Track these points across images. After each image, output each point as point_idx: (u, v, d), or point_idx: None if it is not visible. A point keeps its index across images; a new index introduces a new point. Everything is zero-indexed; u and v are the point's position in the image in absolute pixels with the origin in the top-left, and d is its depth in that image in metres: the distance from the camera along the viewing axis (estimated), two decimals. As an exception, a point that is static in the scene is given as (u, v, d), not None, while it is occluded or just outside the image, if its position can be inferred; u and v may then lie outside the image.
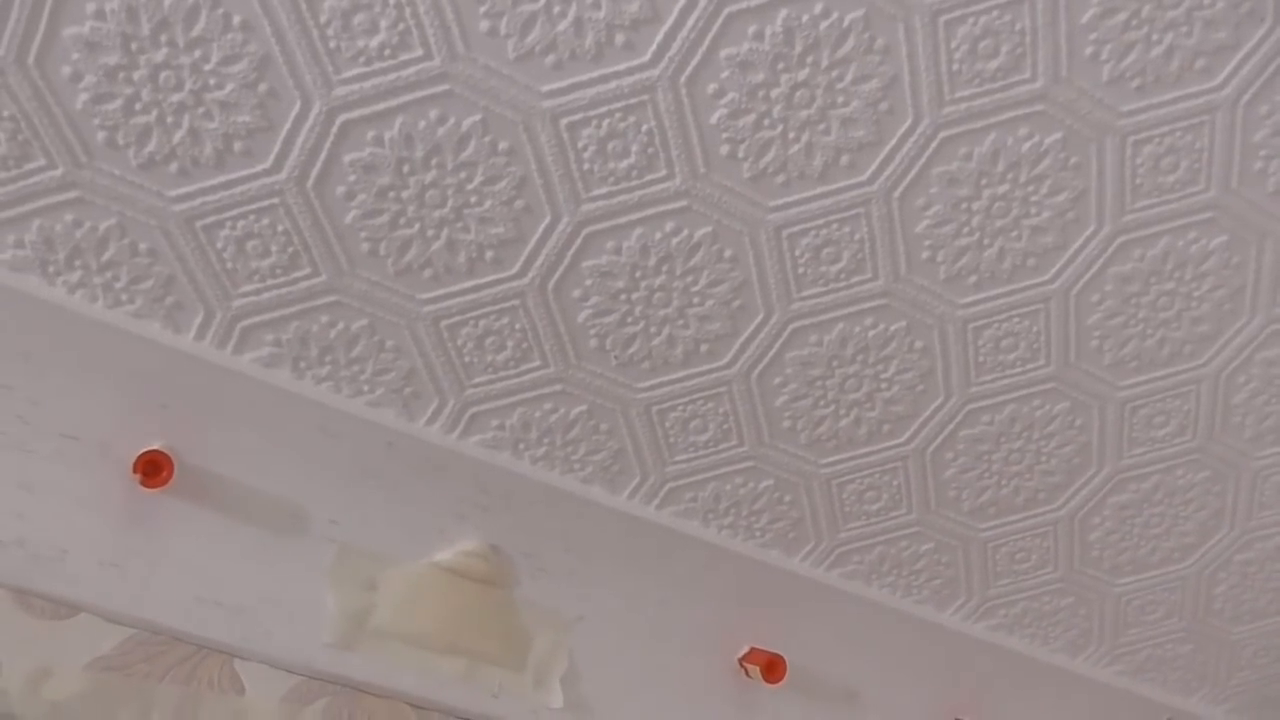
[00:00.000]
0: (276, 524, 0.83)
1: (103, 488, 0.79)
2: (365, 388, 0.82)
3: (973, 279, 0.83)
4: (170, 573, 0.80)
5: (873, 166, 0.77)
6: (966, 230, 0.81)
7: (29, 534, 0.77)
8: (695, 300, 0.81)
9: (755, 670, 0.93)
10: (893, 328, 0.84)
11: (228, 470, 0.81)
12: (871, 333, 0.84)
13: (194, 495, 0.80)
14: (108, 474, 0.79)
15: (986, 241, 0.81)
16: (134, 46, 0.68)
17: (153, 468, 0.77)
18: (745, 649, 0.96)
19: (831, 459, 0.91)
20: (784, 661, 0.93)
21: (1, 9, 0.66)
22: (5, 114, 0.69)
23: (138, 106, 0.69)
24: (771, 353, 0.85)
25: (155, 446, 0.79)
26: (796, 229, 0.79)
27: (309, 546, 0.84)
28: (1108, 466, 0.96)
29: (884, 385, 0.88)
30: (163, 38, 0.67)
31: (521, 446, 0.87)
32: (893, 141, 0.76)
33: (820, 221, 0.79)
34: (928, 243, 0.81)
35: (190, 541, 0.81)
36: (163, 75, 0.69)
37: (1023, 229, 0.81)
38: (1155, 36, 0.74)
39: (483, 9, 0.69)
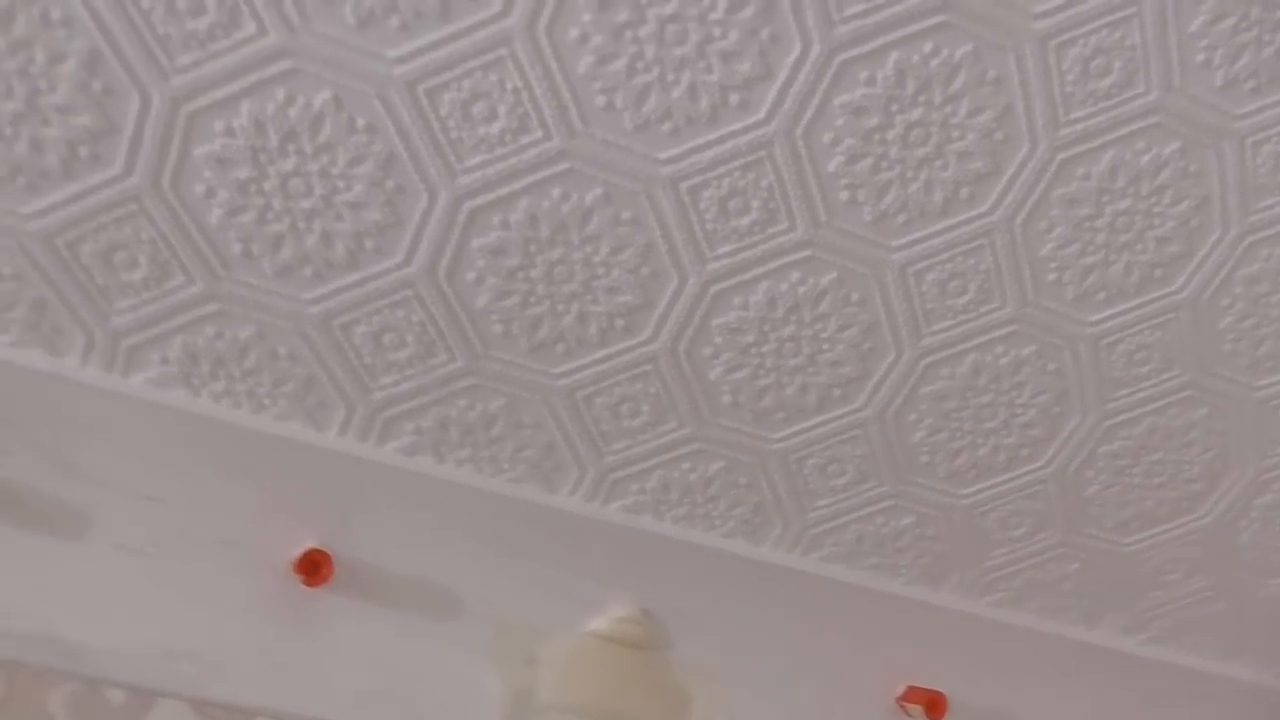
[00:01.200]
0: (432, 608, 0.84)
1: (263, 591, 0.80)
2: (506, 466, 0.83)
3: (1101, 296, 0.82)
4: (336, 668, 0.80)
5: (993, 196, 0.77)
6: (1091, 248, 0.80)
7: (198, 644, 0.78)
8: (825, 347, 0.81)
9: (917, 710, 0.92)
10: (1024, 353, 0.83)
11: (380, 560, 0.82)
12: (1003, 360, 0.83)
13: (350, 589, 0.81)
14: (266, 576, 0.80)
15: (1112, 257, 0.81)
16: (263, 158, 0.69)
17: (313, 567, 0.78)
18: (902, 688, 0.95)
19: (972, 489, 0.90)
20: (944, 699, 0.92)
21: (134, 139, 0.67)
22: (145, 237, 0.71)
23: (270, 216, 0.71)
24: (905, 391, 0.84)
25: (311, 545, 0.80)
26: (921, 265, 0.78)
27: (466, 628, 0.85)
28: (1250, 468, 0.94)
29: (1019, 411, 0.87)
30: (290, 147, 0.69)
31: (662, 508, 0.87)
32: (1011, 169, 0.76)
33: (944, 256, 0.78)
34: (1053, 265, 0.80)
35: (351, 635, 0.82)
36: (292, 183, 0.70)
37: (1147, 241, 0.80)
38: (1266, 37, 0.73)
39: (598, 85, 0.69)
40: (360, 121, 0.68)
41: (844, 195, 0.74)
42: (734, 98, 0.70)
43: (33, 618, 0.76)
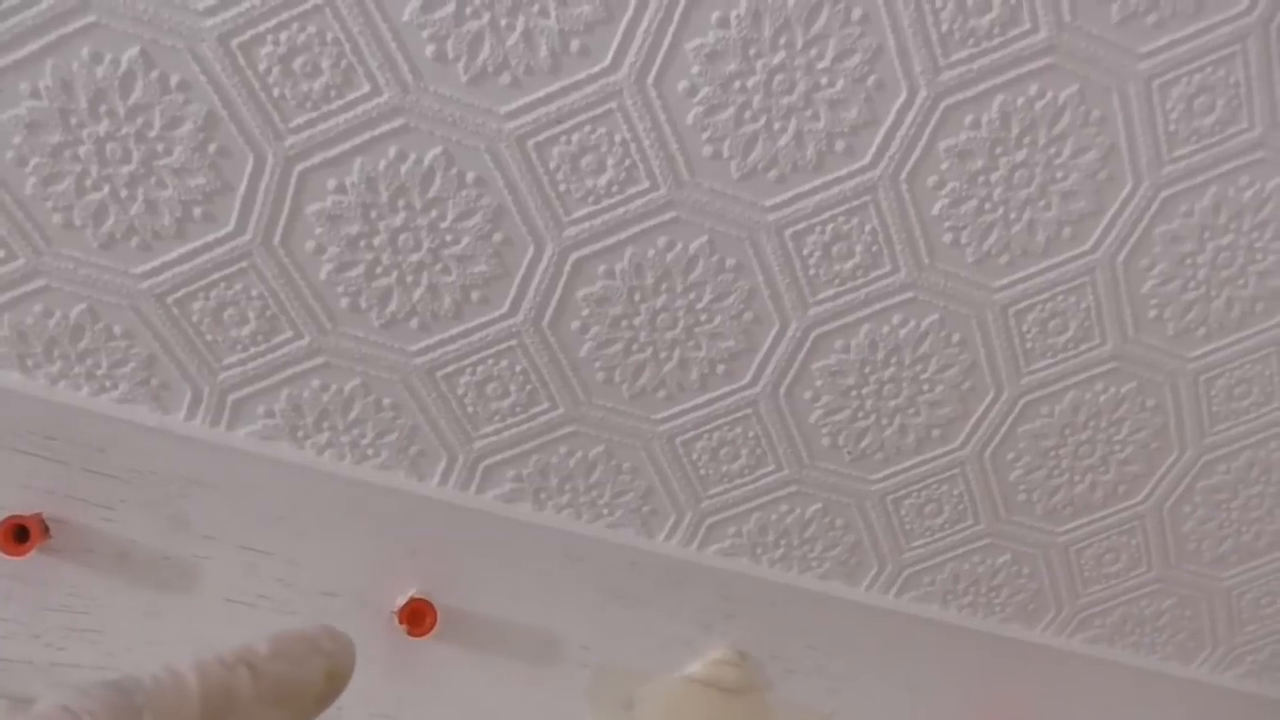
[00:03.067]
0: (532, 655, 0.84)
1: (366, 641, 0.80)
2: (605, 511, 0.83)
3: (1201, 331, 0.82)
4: (440, 717, 0.80)
5: (1095, 235, 0.76)
6: (1193, 284, 0.79)
7: (305, 694, 0.78)
8: (925, 387, 0.81)
9: (1017, 750, 0.92)
10: (1124, 389, 0.83)
11: (480, 607, 0.82)
12: (1103, 397, 0.83)
13: (451, 636, 0.81)
14: (369, 626, 0.80)
15: (1214, 293, 0.80)
16: (373, 214, 0.69)
17: (417, 616, 0.78)
18: (998, 727, 0.94)
19: (1068, 526, 0.90)
20: (1045, 738, 0.91)
21: (247, 198, 0.68)
22: (254, 293, 0.71)
23: (378, 270, 0.71)
24: (1004, 429, 0.84)
25: (413, 594, 0.80)
26: (1023, 305, 0.78)
27: (566, 673, 0.84)
28: (1348, 500, 0.93)
29: (1117, 447, 0.86)
30: (400, 202, 0.69)
31: (759, 550, 0.87)
32: (1114, 208, 0.76)
33: (1046, 295, 0.78)
34: (1154, 301, 0.80)
35: (453, 683, 0.82)
36: (401, 238, 0.70)
37: (1249, 275, 0.80)
38: (1371, 69, 0.73)
39: (705, 135, 0.69)
40: (470, 176, 0.68)
41: (947, 237, 0.74)
42: (840, 144, 0.70)
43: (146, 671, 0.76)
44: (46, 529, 0.73)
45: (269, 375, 0.75)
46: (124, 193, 0.68)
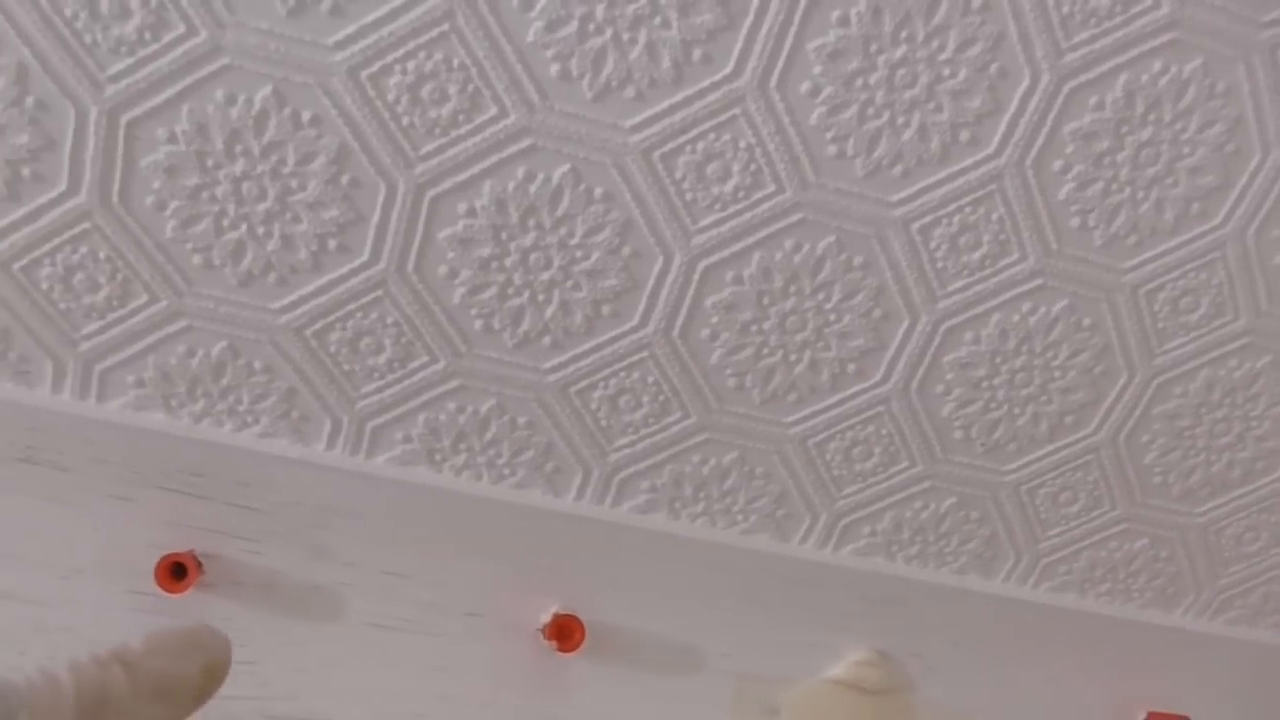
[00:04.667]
0: (675, 665, 0.84)
1: (513, 659, 0.81)
2: (739, 518, 0.83)
3: (1336, 301, 0.80)
4: (590, 731, 0.81)
5: (1224, 209, 0.75)
6: (1327, 254, 0.78)
7: (453, 716, 0.78)
8: (1057, 374, 0.80)
9: (1166, 737, 0.90)
10: (1259, 364, 0.82)
11: (620, 620, 0.82)
12: (1237, 373, 0.82)
13: (593, 650, 0.81)
14: (514, 645, 0.81)
15: (1348, 261, 0.78)
16: (503, 235, 0.70)
17: (565, 632, 0.78)
18: (1143, 715, 0.93)
19: (1205, 507, 0.88)
20: (1193, 723, 0.90)
21: (380, 226, 0.68)
22: (390, 320, 0.72)
23: (510, 291, 0.72)
24: (1138, 412, 0.83)
25: (555, 610, 0.80)
26: (1153, 285, 0.77)
27: (708, 682, 0.85)
28: None
29: (1254, 424, 0.85)
30: (530, 222, 0.70)
31: (894, 548, 0.86)
32: (1242, 180, 0.75)
33: (1176, 273, 0.77)
34: (1287, 273, 0.78)
35: (598, 698, 0.82)
36: (532, 257, 0.71)
37: (1384, 241, 0.78)
38: None
39: (829, 135, 0.69)
40: (598, 192, 0.69)
41: (1074, 221, 0.73)
42: (964, 134, 0.70)
43: (298, 700, 0.77)
44: (200, 565, 0.74)
45: (406, 401, 0.76)
46: (261, 230, 0.69)
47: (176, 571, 0.74)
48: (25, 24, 0.62)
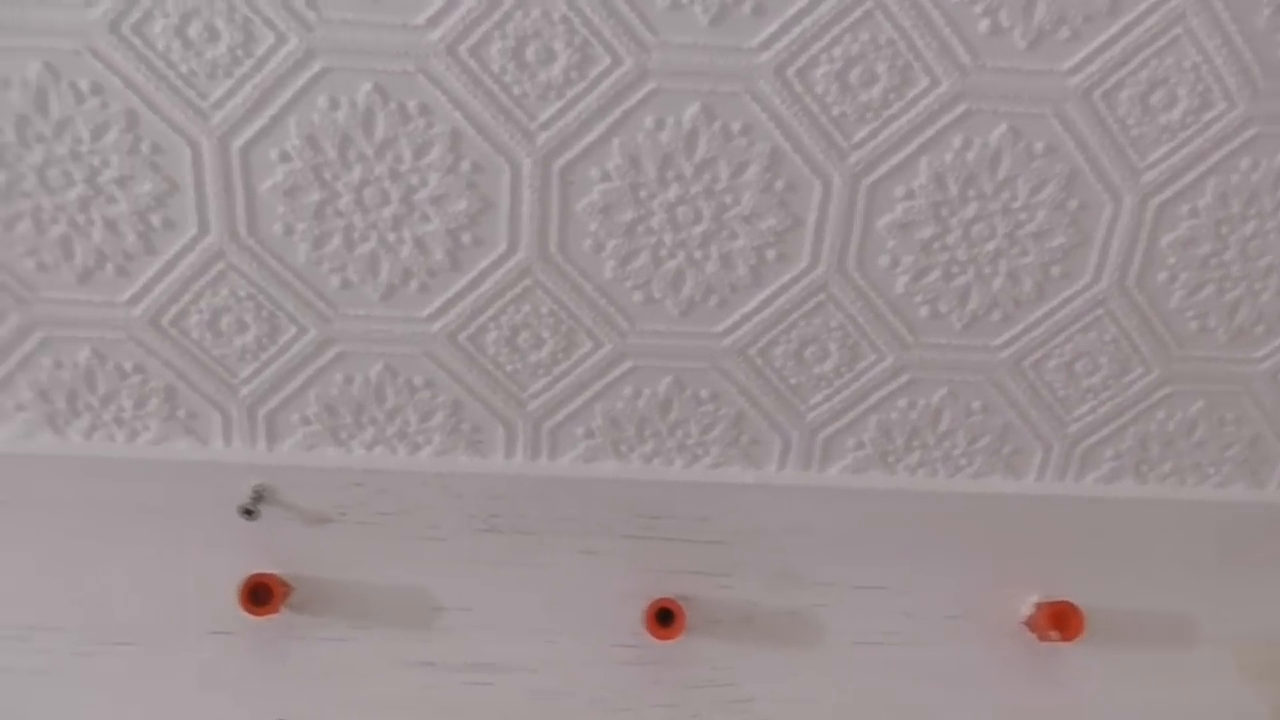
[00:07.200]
0: (1165, 641, 0.80)
1: (999, 654, 0.77)
2: (1210, 470, 0.77)
3: None
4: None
5: None
6: None
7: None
8: None
9: None
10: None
11: (1104, 600, 0.77)
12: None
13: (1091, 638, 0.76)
14: (999, 640, 0.77)
15: None
16: (944, 211, 0.67)
17: (1063, 620, 0.73)
18: None
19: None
20: None
21: (818, 228, 0.66)
22: (834, 324, 0.69)
23: (954, 269, 0.68)
24: None
25: (1035, 599, 0.76)
26: None
27: (1205, 655, 0.79)
28: None
29: None
30: (970, 192, 0.66)
31: (1387, 476, 0.78)
32: None
33: None
34: None
35: (1097, 686, 0.77)
36: (975, 229, 0.67)
37: None
38: None
39: None
40: (1039, 146, 0.65)
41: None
42: None
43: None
44: (681, 608, 0.73)
45: (855, 405, 0.73)
46: (698, 253, 0.67)
47: (662, 618, 0.72)
48: (454, 87, 0.63)
